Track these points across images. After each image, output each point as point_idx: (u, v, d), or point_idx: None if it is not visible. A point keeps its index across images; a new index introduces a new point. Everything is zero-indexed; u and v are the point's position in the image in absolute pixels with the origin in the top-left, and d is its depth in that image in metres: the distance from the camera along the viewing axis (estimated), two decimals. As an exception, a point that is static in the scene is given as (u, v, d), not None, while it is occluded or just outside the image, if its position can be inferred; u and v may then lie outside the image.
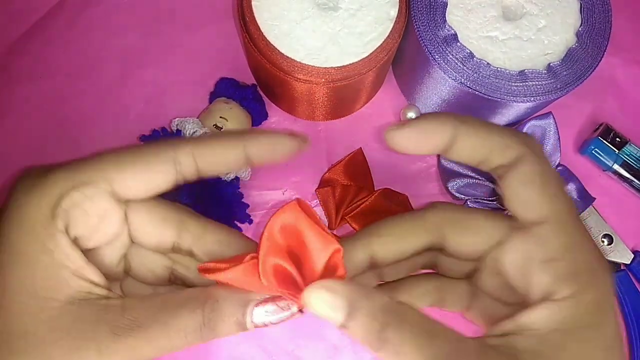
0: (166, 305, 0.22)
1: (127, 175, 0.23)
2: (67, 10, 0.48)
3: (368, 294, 0.21)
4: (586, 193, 0.43)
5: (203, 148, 0.24)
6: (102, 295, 0.22)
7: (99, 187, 0.22)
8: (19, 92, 0.45)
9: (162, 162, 0.23)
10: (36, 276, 0.21)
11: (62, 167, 0.22)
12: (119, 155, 0.23)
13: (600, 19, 0.40)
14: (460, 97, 0.40)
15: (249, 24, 0.38)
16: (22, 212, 0.22)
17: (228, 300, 0.23)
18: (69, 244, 0.22)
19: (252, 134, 0.24)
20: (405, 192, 0.43)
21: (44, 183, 0.22)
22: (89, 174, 0.22)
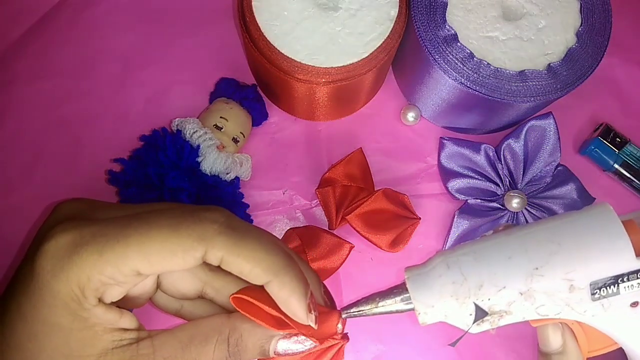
0: (193, 340, 0.24)
1: (153, 264, 0.22)
2: (67, 10, 0.48)
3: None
4: (586, 193, 0.43)
5: (233, 262, 0.23)
6: (133, 338, 0.23)
7: (126, 274, 0.22)
8: (19, 92, 0.45)
9: (190, 259, 0.23)
10: (70, 340, 0.22)
11: (90, 245, 0.22)
12: (147, 242, 0.22)
13: (600, 19, 0.40)
14: (460, 97, 0.40)
15: (249, 24, 0.38)
16: (51, 291, 0.21)
17: (252, 335, 0.25)
18: (103, 311, 0.22)
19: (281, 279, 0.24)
20: (406, 192, 0.43)
21: (71, 265, 0.22)
22: (114, 261, 0.22)
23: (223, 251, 0.23)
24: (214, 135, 0.40)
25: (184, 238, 0.22)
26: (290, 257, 0.25)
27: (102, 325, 0.22)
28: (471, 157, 0.43)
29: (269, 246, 0.24)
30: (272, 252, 0.24)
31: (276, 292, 0.24)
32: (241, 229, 0.24)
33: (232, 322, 0.25)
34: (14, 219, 0.42)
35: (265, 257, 0.24)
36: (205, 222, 0.23)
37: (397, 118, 0.46)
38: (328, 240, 0.41)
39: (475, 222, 0.41)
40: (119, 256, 0.22)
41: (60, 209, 0.24)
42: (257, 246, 0.24)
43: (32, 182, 0.43)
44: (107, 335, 0.22)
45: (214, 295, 0.27)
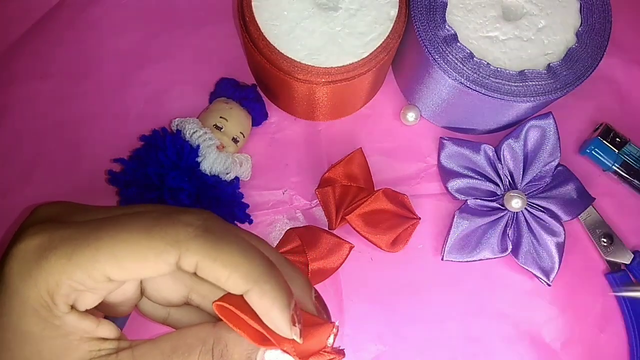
0: (176, 350, 0.23)
1: (125, 269, 0.21)
2: (67, 10, 0.48)
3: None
4: (586, 193, 0.43)
5: (208, 267, 0.22)
6: (112, 348, 0.22)
7: (96, 279, 0.21)
8: (19, 92, 0.45)
9: (163, 264, 0.21)
10: (43, 349, 0.21)
11: (59, 249, 0.21)
12: (117, 246, 0.21)
13: (600, 19, 0.40)
14: (460, 97, 0.40)
15: (249, 24, 0.38)
16: (20, 297, 0.21)
17: (238, 344, 0.23)
18: (76, 318, 0.22)
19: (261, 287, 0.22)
20: (405, 192, 0.43)
21: (39, 269, 0.21)
22: (83, 266, 0.21)
23: (198, 256, 0.21)
24: (213, 135, 0.40)
25: (156, 241, 0.21)
26: (271, 264, 0.23)
27: (77, 334, 0.21)
28: (471, 157, 0.43)
29: (248, 251, 0.22)
30: (252, 257, 0.22)
31: (256, 302, 0.22)
32: (219, 233, 0.22)
33: (216, 332, 0.23)
34: (13, 219, 0.42)
35: (244, 262, 0.22)
36: (179, 225, 0.22)
37: (397, 118, 0.46)
38: (328, 240, 0.41)
39: (475, 222, 0.41)
40: (89, 260, 0.21)
41: (37, 212, 0.23)
42: (236, 251, 0.22)
43: (32, 182, 0.43)
44: (84, 345, 0.21)
45: (200, 301, 0.26)
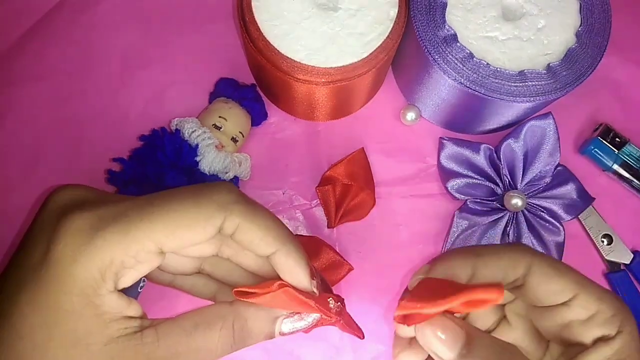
0: (197, 328, 0.24)
1: (177, 239, 0.23)
2: (67, 10, 0.48)
3: (481, 334, 0.23)
4: (586, 193, 0.43)
5: (248, 228, 0.24)
6: (137, 327, 0.23)
7: (149, 251, 0.23)
8: (19, 92, 0.45)
9: (211, 228, 0.24)
10: (79, 327, 0.22)
11: (112, 225, 0.22)
12: (171, 216, 0.23)
13: (600, 19, 0.40)
14: (460, 98, 0.40)
15: (249, 24, 0.38)
16: (71, 277, 0.21)
17: (257, 319, 0.25)
18: (115, 298, 0.23)
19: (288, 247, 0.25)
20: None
21: (94, 247, 0.22)
22: (139, 238, 0.22)
23: (240, 218, 0.24)
24: (212, 134, 0.40)
25: (205, 207, 0.23)
26: (290, 231, 0.26)
27: (110, 313, 0.22)
28: (471, 157, 0.43)
29: (275, 218, 0.26)
30: (279, 223, 0.26)
31: (283, 261, 0.25)
32: (252, 201, 0.25)
33: (235, 309, 0.25)
34: (14, 219, 0.42)
35: (275, 226, 0.25)
36: (223, 192, 0.24)
37: (397, 118, 0.46)
38: (329, 255, 0.41)
39: (475, 222, 0.41)
40: (145, 232, 0.22)
41: (59, 195, 0.24)
42: (267, 216, 0.25)
43: (32, 182, 0.43)
44: (114, 323, 0.22)
45: (210, 270, 0.28)
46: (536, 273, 0.24)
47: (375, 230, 0.43)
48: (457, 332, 0.22)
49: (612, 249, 0.43)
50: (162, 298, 0.40)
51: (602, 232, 0.43)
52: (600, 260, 0.44)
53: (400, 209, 0.44)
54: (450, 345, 0.22)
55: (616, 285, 0.42)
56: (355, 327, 0.29)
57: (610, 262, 0.43)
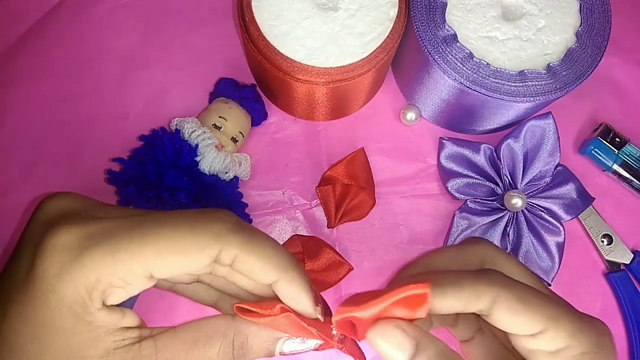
0: (197, 342, 0.23)
1: (168, 265, 0.22)
2: (67, 10, 0.48)
3: (432, 338, 0.23)
4: (586, 193, 0.43)
5: (245, 259, 0.23)
6: (135, 337, 0.23)
7: (138, 276, 0.22)
8: (19, 92, 0.45)
9: (206, 258, 0.23)
10: (72, 342, 0.21)
11: (100, 246, 0.21)
12: (162, 242, 0.22)
13: (600, 19, 0.40)
14: (459, 97, 0.40)
15: (249, 24, 0.38)
16: (57, 294, 0.21)
17: (258, 337, 0.25)
18: (106, 313, 0.22)
19: (290, 274, 0.24)
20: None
21: (81, 267, 0.21)
22: (128, 262, 0.21)
23: (237, 249, 0.23)
24: (212, 134, 0.40)
25: (199, 236, 0.22)
26: (293, 256, 0.25)
27: (105, 327, 0.22)
28: (471, 157, 0.43)
29: (276, 245, 0.25)
30: (279, 250, 0.24)
31: (286, 289, 0.24)
32: (250, 229, 0.24)
33: (237, 325, 0.24)
34: (13, 219, 0.42)
35: (275, 254, 0.24)
36: (219, 221, 0.23)
37: (397, 118, 0.46)
38: (329, 255, 0.41)
39: (475, 222, 0.41)
40: (133, 256, 0.21)
41: (48, 206, 0.23)
42: (266, 244, 0.24)
43: (32, 182, 0.43)
44: (109, 336, 0.22)
45: (210, 281, 0.28)
46: (502, 306, 0.23)
47: (375, 230, 0.43)
48: (401, 338, 0.22)
49: (612, 249, 0.43)
50: (162, 299, 0.40)
51: (602, 232, 0.43)
52: (600, 260, 0.44)
53: (400, 209, 0.44)
54: (396, 351, 0.22)
55: (616, 285, 0.42)
56: (358, 353, 0.28)
57: (610, 262, 0.43)
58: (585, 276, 0.43)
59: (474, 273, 0.24)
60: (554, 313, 0.23)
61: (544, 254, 0.41)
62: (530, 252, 0.41)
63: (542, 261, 0.41)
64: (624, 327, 0.42)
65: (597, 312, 0.43)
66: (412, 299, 0.21)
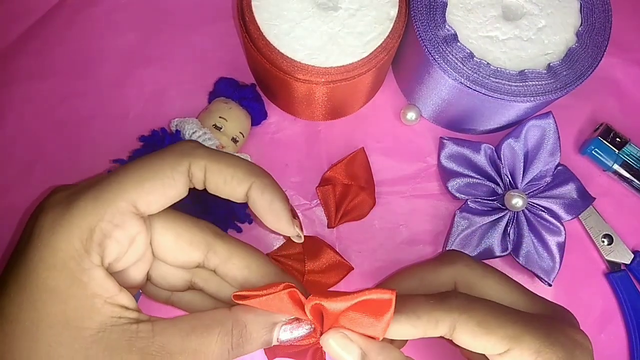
0: (195, 330, 0.23)
1: (148, 193, 0.23)
2: (67, 10, 0.48)
3: (381, 347, 0.24)
4: (586, 193, 0.43)
5: (216, 168, 0.25)
6: (132, 319, 0.23)
7: (124, 212, 0.23)
8: (18, 92, 0.45)
9: (179, 175, 0.24)
10: (69, 308, 0.21)
11: (84, 194, 0.22)
12: (137, 172, 0.23)
13: (600, 19, 0.40)
14: (460, 97, 0.40)
15: (249, 23, 0.38)
16: (51, 249, 0.21)
17: (256, 324, 0.25)
18: (103, 275, 0.22)
19: (262, 180, 0.26)
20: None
21: (71, 216, 0.22)
22: (112, 199, 0.22)
23: (205, 160, 0.24)
24: (213, 135, 0.40)
25: (168, 157, 0.24)
26: (262, 168, 0.27)
27: (101, 296, 0.22)
28: (471, 156, 0.42)
29: (241, 158, 0.26)
30: (248, 161, 0.26)
31: (259, 196, 0.25)
32: (209, 148, 0.26)
33: (234, 314, 0.25)
34: (14, 219, 0.42)
35: (242, 162, 0.26)
36: (182, 143, 0.25)
37: (397, 118, 0.46)
38: (330, 256, 0.41)
39: (476, 222, 0.41)
40: (115, 193, 0.22)
41: (52, 193, 0.25)
42: (233, 156, 0.26)
43: (32, 182, 0.43)
44: (107, 308, 0.22)
45: (203, 284, 0.28)
46: (462, 331, 0.24)
47: (375, 230, 0.43)
48: (351, 345, 0.24)
49: (612, 249, 0.43)
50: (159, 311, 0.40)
51: (602, 232, 0.43)
52: (600, 260, 0.44)
53: (400, 209, 0.44)
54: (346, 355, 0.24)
55: (616, 285, 0.42)
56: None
57: (610, 262, 0.43)
58: (586, 276, 0.43)
59: (434, 298, 0.25)
60: (516, 332, 0.24)
61: (545, 254, 0.41)
62: (531, 252, 0.41)
63: (543, 261, 0.41)
64: (624, 327, 0.42)
65: (597, 312, 0.43)
66: (378, 304, 0.23)
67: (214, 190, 0.26)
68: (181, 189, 0.24)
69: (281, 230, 0.27)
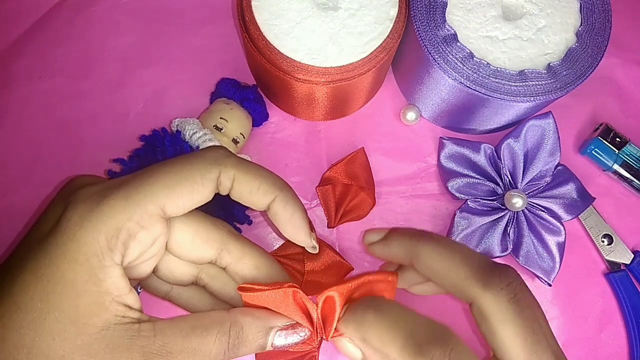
0: (194, 330, 0.24)
1: (177, 197, 0.24)
2: (67, 10, 0.48)
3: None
4: (586, 193, 0.43)
5: (244, 179, 0.26)
6: (135, 319, 0.23)
7: (152, 214, 0.23)
8: (18, 92, 0.45)
9: (208, 182, 0.25)
10: (80, 304, 0.22)
11: (116, 192, 0.23)
12: (168, 175, 0.24)
13: (600, 19, 0.40)
14: (460, 97, 0.40)
15: (249, 24, 0.38)
16: (76, 243, 0.22)
17: (252, 327, 0.25)
18: (119, 274, 0.23)
19: (286, 194, 0.27)
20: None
21: (100, 213, 0.22)
22: (142, 201, 0.23)
23: (234, 169, 0.25)
24: (213, 136, 0.40)
25: (199, 164, 0.25)
26: (285, 181, 0.28)
27: (111, 294, 0.22)
28: (471, 156, 0.42)
29: (268, 170, 0.27)
30: (272, 173, 0.27)
31: (282, 208, 0.26)
32: (239, 158, 0.26)
33: (232, 316, 0.25)
34: (14, 219, 0.42)
35: (269, 175, 0.27)
36: (213, 150, 0.26)
37: (397, 118, 0.46)
38: (329, 256, 0.41)
39: (476, 222, 0.41)
40: (145, 195, 0.23)
41: (74, 180, 0.25)
42: (260, 167, 0.27)
43: (32, 182, 0.43)
44: (113, 307, 0.22)
45: (208, 281, 0.29)
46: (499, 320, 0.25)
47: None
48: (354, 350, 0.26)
49: (612, 249, 0.43)
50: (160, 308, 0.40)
51: (602, 232, 0.43)
52: (600, 260, 0.44)
53: (400, 209, 0.44)
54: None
55: (616, 285, 0.42)
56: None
57: (610, 262, 0.43)
58: (586, 276, 0.43)
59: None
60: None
61: (545, 254, 0.41)
62: (531, 252, 0.41)
63: (543, 261, 0.41)
64: (624, 327, 0.42)
65: (597, 312, 0.43)
66: (381, 286, 0.26)
67: (237, 198, 0.26)
68: (208, 195, 0.25)
69: (299, 241, 0.28)
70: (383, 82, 0.47)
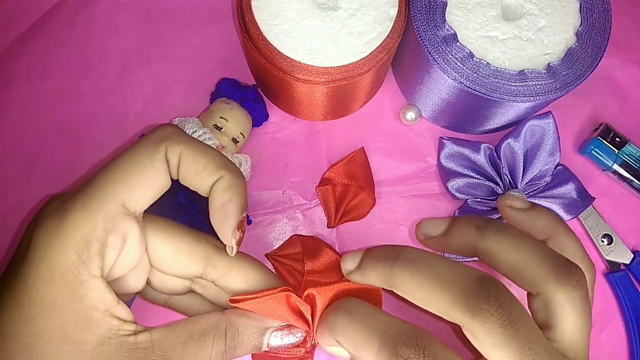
0: (192, 335, 0.24)
1: (134, 189, 0.23)
2: (67, 10, 0.48)
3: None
4: (586, 193, 0.43)
5: (190, 155, 0.24)
6: (130, 331, 0.23)
7: (115, 214, 0.22)
8: (18, 92, 0.45)
9: (158, 162, 0.24)
10: (67, 322, 0.21)
11: (74, 203, 0.22)
12: (118, 169, 0.23)
13: (600, 19, 0.40)
14: (459, 97, 0.40)
15: (249, 23, 0.38)
16: (48, 263, 0.21)
17: (248, 328, 0.25)
18: (102, 287, 0.22)
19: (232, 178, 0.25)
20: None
21: (64, 229, 0.21)
22: (100, 205, 0.22)
23: (181, 145, 0.24)
24: (213, 135, 0.40)
25: (144, 147, 0.24)
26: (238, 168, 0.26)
27: (99, 308, 0.22)
28: (471, 156, 0.43)
29: (217, 151, 0.26)
30: (223, 155, 0.26)
31: (221, 190, 0.24)
32: (188, 135, 0.25)
33: (227, 318, 0.25)
34: (13, 220, 0.42)
35: (219, 155, 0.25)
36: (159, 128, 0.25)
37: (397, 118, 0.46)
38: (329, 256, 0.41)
39: (475, 222, 0.41)
40: (101, 196, 0.22)
41: (46, 203, 0.24)
42: (210, 147, 0.25)
43: (32, 182, 0.43)
44: (105, 321, 0.22)
45: (202, 291, 0.28)
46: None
47: (375, 230, 0.43)
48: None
49: (612, 249, 0.43)
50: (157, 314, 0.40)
51: (602, 232, 0.43)
52: (600, 260, 0.44)
53: (400, 209, 0.44)
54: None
55: (616, 285, 0.42)
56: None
57: (610, 262, 0.43)
58: (586, 276, 0.43)
59: None
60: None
61: (544, 254, 0.41)
62: (530, 252, 0.41)
63: (542, 261, 0.41)
64: (624, 327, 0.42)
65: (597, 312, 0.43)
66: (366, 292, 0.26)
67: (184, 181, 0.25)
68: (164, 176, 0.24)
69: (220, 233, 0.25)
70: (383, 82, 0.47)
